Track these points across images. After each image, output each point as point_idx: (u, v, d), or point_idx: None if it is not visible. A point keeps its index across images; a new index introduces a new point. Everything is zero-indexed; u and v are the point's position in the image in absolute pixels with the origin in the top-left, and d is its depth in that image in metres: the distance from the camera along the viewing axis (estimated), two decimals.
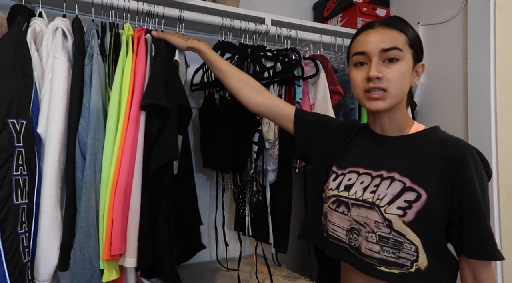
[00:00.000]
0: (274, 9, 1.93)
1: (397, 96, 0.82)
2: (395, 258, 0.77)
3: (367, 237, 0.81)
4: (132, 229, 1.07)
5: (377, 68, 0.80)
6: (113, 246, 1.04)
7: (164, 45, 1.21)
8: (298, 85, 1.47)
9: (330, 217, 0.89)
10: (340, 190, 0.88)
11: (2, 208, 0.89)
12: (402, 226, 0.76)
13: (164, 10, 1.36)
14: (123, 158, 1.08)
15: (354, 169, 0.89)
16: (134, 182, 1.09)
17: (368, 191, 0.83)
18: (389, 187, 0.80)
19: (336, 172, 0.92)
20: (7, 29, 1.05)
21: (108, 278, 1.05)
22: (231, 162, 1.43)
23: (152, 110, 1.11)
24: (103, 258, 1.04)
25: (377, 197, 0.81)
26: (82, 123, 1.05)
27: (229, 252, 1.70)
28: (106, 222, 1.05)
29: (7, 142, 0.91)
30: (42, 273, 0.99)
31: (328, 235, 0.90)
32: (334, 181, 0.91)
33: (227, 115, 1.46)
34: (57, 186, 1.01)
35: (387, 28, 0.83)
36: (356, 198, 0.85)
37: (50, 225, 0.99)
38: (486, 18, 1.46)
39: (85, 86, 1.07)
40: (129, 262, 1.06)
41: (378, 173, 0.84)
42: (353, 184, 0.87)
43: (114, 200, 1.06)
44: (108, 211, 1.05)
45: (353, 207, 0.85)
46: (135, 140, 1.11)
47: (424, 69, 0.86)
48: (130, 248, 1.07)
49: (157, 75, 1.14)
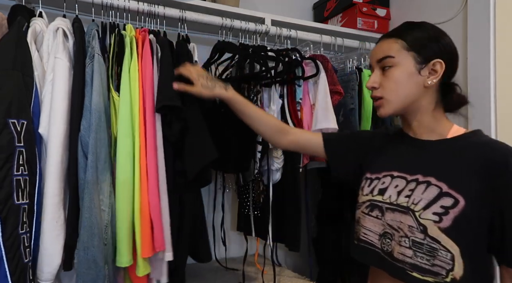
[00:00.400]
0: (274, 9, 1.93)
1: (396, 101, 0.84)
2: (429, 266, 0.76)
3: (400, 242, 0.80)
4: (166, 226, 1.16)
5: (373, 78, 0.86)
6: (156, 243, 1.12)
7: (168, 45, 1.21)
8: (299, 85, 1.47)
9: (363, 222, 0.89)
10: (374, 194, 0.88)
11: (3, 208, 0.89)
12: (438, 232, 0.75)
13: (165, 10, 1.36)
14: (148, 160, 1.12)
15: (388, 173, 0.88)
16: (161, 182, 1.15)
17: (402, 195, 0.82)
18: (425, 191, 0.79)
19: (370, 177, 0.92)
20: (7, 29, 1.05)
21: (144, 272, 1.12)
22: (236, 162, 1.43)
23: (167, 111, 1.13)
24: (143, 256, 1.10)
25: (412, 202, 0.80)
26: (84, 124, 1.05)
27: (228, 252, 1.70)
28: (140, 222, 1.10)
29: (8, 141, 0.91)
30: (45, 273, 0.99)
31: (359, 240, 0.90)
32: (368, 186, 0.91)
33: (229, 115, 1.46)
34: (60, 185, 1.01)
35: (386, 38, 0.87)
36: (390, 202, 0.84)
37: (53, 224, 1.00)
38: (486, 18, 1.46)
39: (87, 86, 1.07)
40: (168, 256, 1.16)
41: (413, 177, 0.83)
42: (386, 187, 0.86)
43: (149, 200, 1.12)
44: (142, 211, 1.11)
45: (387, 211, 0.84)
46: (156, 142, 1.14)
47: (443, 66, 0.82)
48: (167, 243, 1.16)
49: (167, 76, 1.15)
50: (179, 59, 1.22)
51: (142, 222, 1.10)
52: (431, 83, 0.82)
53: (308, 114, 1.47)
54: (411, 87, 0.83)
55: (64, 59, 1.05)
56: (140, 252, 1.09)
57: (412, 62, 0.82)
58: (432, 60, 0.82)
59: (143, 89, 1.15)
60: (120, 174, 1.09)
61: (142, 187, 1.11)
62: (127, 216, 1.09)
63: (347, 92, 1.59)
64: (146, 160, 1.12)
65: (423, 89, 0.83)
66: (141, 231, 1.10)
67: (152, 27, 1.34)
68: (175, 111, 1.13)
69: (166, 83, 1.14)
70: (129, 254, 1.09)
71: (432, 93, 0.84)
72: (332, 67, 1.55)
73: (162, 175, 1.15)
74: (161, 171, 1.15)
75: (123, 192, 1.09)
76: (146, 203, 1.11)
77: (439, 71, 0.82)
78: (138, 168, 1.10)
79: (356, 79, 1.61)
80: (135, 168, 1.10)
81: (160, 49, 1.21)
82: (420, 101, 0.84)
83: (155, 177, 1.13)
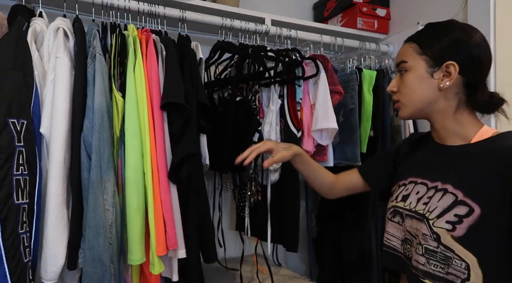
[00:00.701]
0: (274, 9, 1.93)
1: (411, 105, 0.84)
2: (443, 274, 0.75)
3: (416, 249, 0.80)
4: (178, 223, 1.18)
5: (394, 82, 0.89)
6: (170, 241, 1.13)
7: (172, 44, 1.22)
8: (299, 85, 1.47)
9: (386, 227, 0.90)
10: (398, 200, 0.88)
11: (3, 207, 0.88)
12: (451, 241, 0.74)
13: (165, 10, 1.36)
14: (158, 159, 1.13)
15: (413, 179, 0.88)
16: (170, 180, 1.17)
17: (421, 202, 0.82)
18: (441, 199, 0.78)
19: (398, 184, 0.92)
20: (7, 29, 1.05)
21: (159, 270, 1.13)
22: (232, 162, 1.43)
23: (171, 108, 1.15)
24: (157, 254, 1.11)
25: (427, 209, 0.79)
26: (86, 124, 1.05)
27: (228, 252, 1.70)
28: (154, 221, 1.11)
29: (8, 141, 0.91)
30: (49, 272, 1.00)
31: (385, 245, 0.91)
32: (395, 193, 0.91)
33: (226, 115, 1.46)
34: (62, 185, 1.02)
35: (406, 42, 0.88)
36: (409, 209, 0.84)
37: (57, 224, 1.00)
38: (486, 18, 1.46)
39: (88, 86, 1.07)
40: (181, 254, 1.18)
41: (433, 184, 0.82)
42: (409, 194, 0.86)
43: (162, 199, 1.13)
44: (156, 210, 1.11)
45: (406, 217, 0.84)
46: (164, 140, 1.16)
47: (457, 68, 0.78)
48: (180, 241, 1.18)
49: (172, 74, 1.16)
50: (183, 57, 1.23)
51: (156, 220, 1.11)
52: (444, 86, 0.80)
53: (308, 115, 1.47)
54: (424, 91, 0.82)
55: (65, 59, 1.05)
56: (155, 250, 1.10)
57: (424, 66, 0.82)
58: (445, 62, 0.80)
59: (150, 89, 1.15)
60: (129, 174, 1.09)
61: (155, 185, 1.12)
62: (137, 215, 1.10)
63: (347, 92, 1.59)
64: (156, 160, 1.13)
65: (438, 92, 0.81)
66: (156, 229, 1.11)
67: (152, 27, 1.35)
68: (179, 109, 1.14)
69: (171, 81, 1.15)
70: (141, 252, 1.11)
71: (452, 96, 0.81)
72: (332, 67, 1.55)
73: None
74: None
75: (132, 191, 1.09)
76: (159, 201, 1.12)
77: (453, 73, 0.79)
78: (149, 167, 1.11)
79: (356, 79, 1.61)
80: (147, 167, 1.11)
81: (165, 48, 1.21)
82: (437, 104, 0.82)
83: (165, 175, 1.15)
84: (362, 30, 1.88)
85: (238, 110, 1.42)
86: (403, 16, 1.89)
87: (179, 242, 1.16)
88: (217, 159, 1.46)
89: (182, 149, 1.15)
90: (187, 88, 1.17)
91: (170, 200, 1.15)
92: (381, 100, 1.63)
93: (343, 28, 1.87)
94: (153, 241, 1.11)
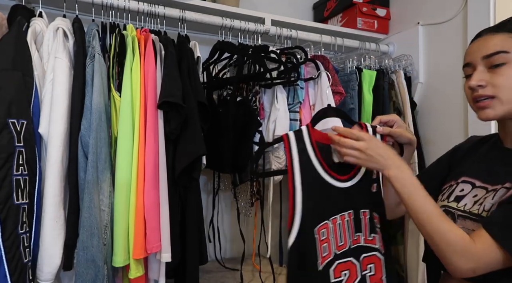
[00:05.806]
0: (274, 9, 1.93)
1: (510, 102, 0.74)
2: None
3: None
4: (165, 226, 1.12)
5: (479, 76, 0.77)
6: (149, 244, 1.09)
7: (171, 44, 1.22)
8: (301, 87, 1.47)
9: None
10: (450, 200, 0.84)
11: (3, 208, 0.89)
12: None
13: (165, 10, 1.36)
14: (147, 159, 1.11)
15: (469, 180, 0.83)
16: (161, 180, 1.13)
17: (477, 203, 0.78)
18: (495, 196, 0.74)
19: (450, 184, 0.88)
20: (7, 29, 1.05)
21: (135, 275, 1.09)
22: (233, 162, 1.43)
23: (168, 108, 1.14)
24: (133, 257, 1.07)
25: (482, 208, 0.75)
26: (84, 124, 1.05)
27: (227, 251, 1.70)
28: (134, 222, 1.08)
29: (8, 141, 0.91)
30: (45, 273, 0.99)
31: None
32: (446, 192, 0.87)
33: (226, 115, 1.46)
34: (60, 185, 1.01)
35: (493, 33, 0.78)
36: (463, 210, 0.80)
37: (54, 224, 1.00)
38: (486, 18, 1.46)
39: (87, 86, 1.07)
40: (165, 257, 1.12)
41: (494, 187, 0.76)
42: (464, 195, 0.81)
43: (144, 200, 1.10)
44: (137, 211, 1.09)
45: (459, 218, 0.80)
46: (157, 140, 1.13)
47: None
48: (165, 244, 1.12)
49: (171, 74, 1.15)
50: (182, 57, 1.23)
51: (136, 223, 1.09)
52: None
53: (307, 115, 1.47)
54: None
55: (64, 59, 1.05)
56: (131, 253, 1.08)
57: None
58: None
59: (145, 89, 1.15)
60: (119, 174, 1.09)
61: (138, 187, 1.10)
62: (123, 216, 1.08)
63: (347, 92, 1.59)
64: (144, 160, 1.11)
65: None
66: (134, 232, 1.08)
67: (152, 27, 1.35)
68: (176, 108, 1.13)
69: (169, 81, 1.14)
70: (124, 254, 1.08)
71: None
72: (333, 67, 1.55)
73: (163, 175, 1.14)
74: (161, 171, 1.14)
75: (121, 192, 1.09)
76: (141, 203, 1.10)
77: None
78: (135, 168, 1.10)
79: (356, 79, 1.61)
80: (133, 167, 1.10)
81: (164, 48, 1.21)
82: None
83: (153, 177, 1.11)
84: (362, 30, 1.88)
85: (239, 111, 1.42)
86: (403, 16, 1.89)
87: (163, 245, 1.12)
88: (217, 159, 1.46)
89: (193, 149, 1.13)
90: (185, 88, 1.17)
91: (155, 202, 1.11)
92: (381, 100, 1.63)
93: (343, 28, 1.87)
94: (130, 243, 1.08)
